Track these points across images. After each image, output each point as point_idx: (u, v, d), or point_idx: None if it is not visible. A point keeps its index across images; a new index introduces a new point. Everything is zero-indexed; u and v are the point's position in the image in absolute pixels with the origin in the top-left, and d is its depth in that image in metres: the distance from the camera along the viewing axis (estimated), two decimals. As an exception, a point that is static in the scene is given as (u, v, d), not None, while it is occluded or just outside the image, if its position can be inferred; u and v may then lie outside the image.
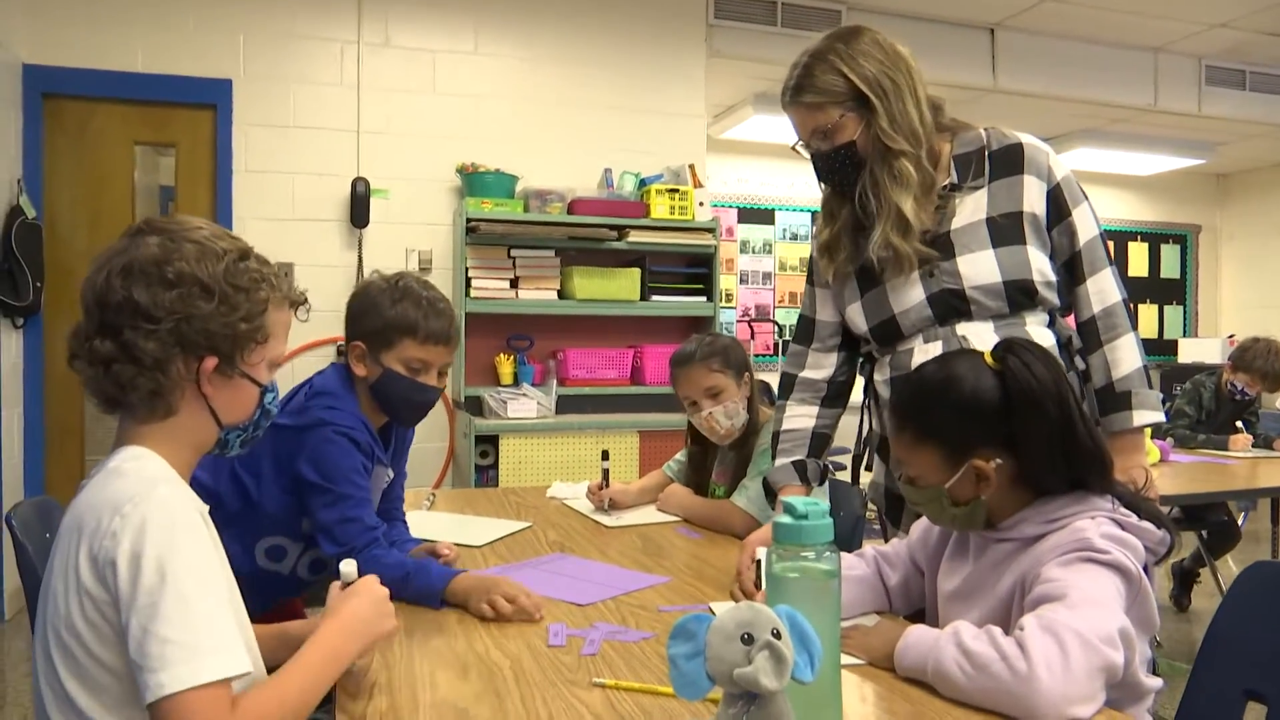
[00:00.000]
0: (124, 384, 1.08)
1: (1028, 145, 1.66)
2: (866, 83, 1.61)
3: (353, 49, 4.28)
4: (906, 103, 1.63)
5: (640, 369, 4.42)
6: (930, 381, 1.35)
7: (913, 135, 1.62)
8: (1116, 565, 1.18)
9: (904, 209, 1.61)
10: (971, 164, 1.66)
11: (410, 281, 1.81)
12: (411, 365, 1.77)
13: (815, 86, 1.64)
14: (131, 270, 1.09)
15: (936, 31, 5.35)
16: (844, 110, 1.63)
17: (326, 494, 1.67)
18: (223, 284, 1.11)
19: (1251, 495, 4.36)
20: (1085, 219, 1.64)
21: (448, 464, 4.40)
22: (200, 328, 1.09)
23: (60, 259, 3.95)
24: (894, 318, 1.69)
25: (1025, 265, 1.60)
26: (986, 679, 1.09)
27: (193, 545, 1.00)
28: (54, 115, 3.96)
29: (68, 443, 4.02)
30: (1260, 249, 8.10)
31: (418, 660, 1.29)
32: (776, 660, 0.87)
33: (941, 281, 1.64)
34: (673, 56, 4.75)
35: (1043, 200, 1.63)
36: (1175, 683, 3.21)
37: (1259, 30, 5.49)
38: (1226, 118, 6.14)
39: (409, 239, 4.35)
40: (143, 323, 1.07)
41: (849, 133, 1.64)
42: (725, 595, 1.62)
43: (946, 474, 1.30)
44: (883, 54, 1.64)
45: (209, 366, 1.12)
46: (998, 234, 1.62)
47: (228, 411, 1.16)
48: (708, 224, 4.41)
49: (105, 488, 1.03)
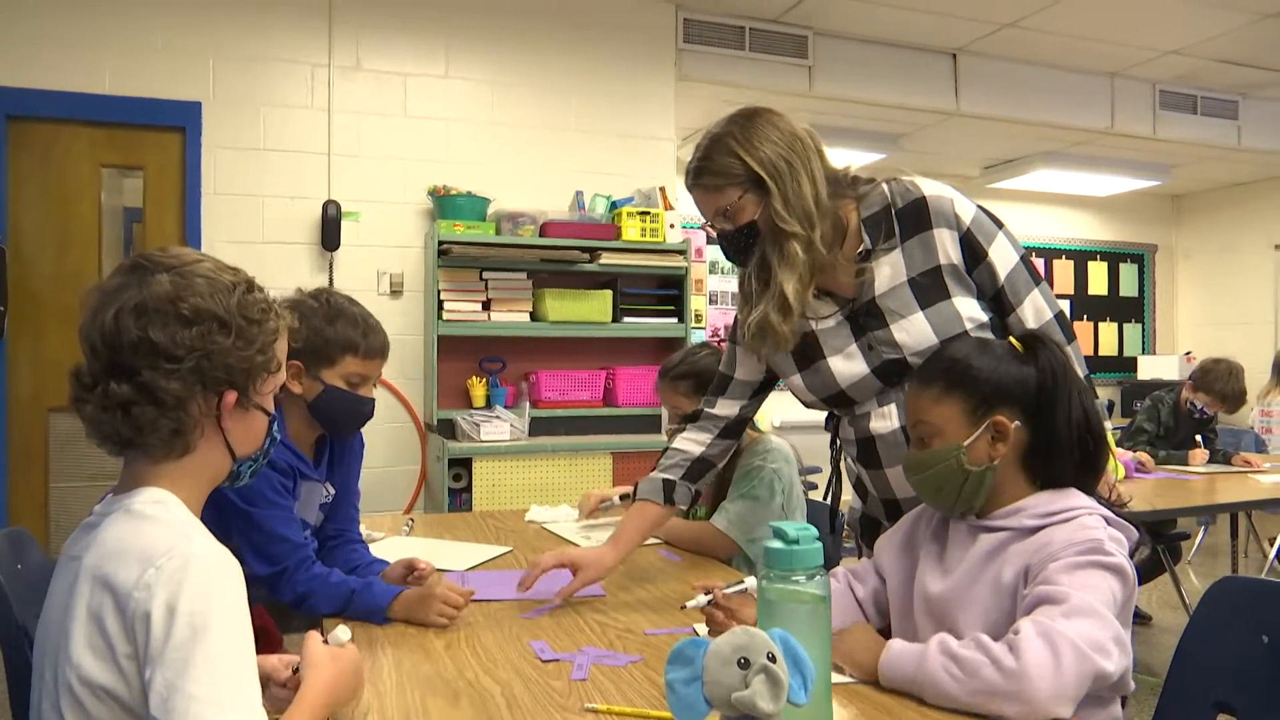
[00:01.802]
0: (143, 426, 1.06)
1: (930, 198, 1.65)
2: (761, 165, 1.62)
3: (323, 72, 4.28)
4: (802, 183, 1.63)
5: (613, 390, 4.43)
6: (963, 345, 1.43)
7: (806, 217, 1.62)
8: (1119, 569, 1.21)
9: (786, 290, 1.62)
10: (881, 225, 1.67)
11: (336, 298, 1.87)
12: (351, 380, 1.84)
13: (713, 169, 1.65)
14: (145, 309, 1.06)
15: (900, 56, 5.46)
16: (742, 191, 1.64)
17: (248, 517, 1.69)
18: (237, 317, 1.10)
19: (1211, 510, 4.45)
20: (1002, 251, 1.64)
21: (419, 487, 4.38)
22: (221, 363, 1.08)
23: (25, 282, 3.90)
24: (843, 392, 1.71)
25: (955, 319, 1.61)
26: (978, 682, 1.11)
27: (229, 600, 0.98)
28: (19, 137, 3.91)
29: (31, 470, 3.95)
30: (1214, 267, 8.32)
31: (408, 689, 1.29)
32: (773, 684, 0.89)
33: (881, 354, 1.65)
34: (643, 80, 4.80)
35: (957, 248, 1.63)
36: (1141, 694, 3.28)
37: (1209, 57, 5.66)
38: (1180, 140, 6.32)
39: (380, 262, 4.34)
40: (163, 363, 1.05)
41: (749, 213, 1.65)
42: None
43: (968, 429, 1.34)
44: (779, 135, 1.64)
45: (230, 401, 1.11)
46: (922, 294, 1.63)
47: (242, 443, 1.16)
48: (678, 246, 4.44)
49: (134, 536, 1.00)
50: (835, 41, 5.31)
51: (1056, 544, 1.24)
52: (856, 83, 5.38)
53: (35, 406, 3.91)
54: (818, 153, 1.68)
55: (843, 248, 1.69)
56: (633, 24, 4.79)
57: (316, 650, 1.15)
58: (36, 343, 3.91)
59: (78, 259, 3.99)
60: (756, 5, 4.96)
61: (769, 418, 7.05)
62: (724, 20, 5.02)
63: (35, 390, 3.91)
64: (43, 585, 1.70)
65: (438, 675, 1.35)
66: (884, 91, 5.40)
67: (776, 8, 4.98)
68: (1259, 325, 7.86)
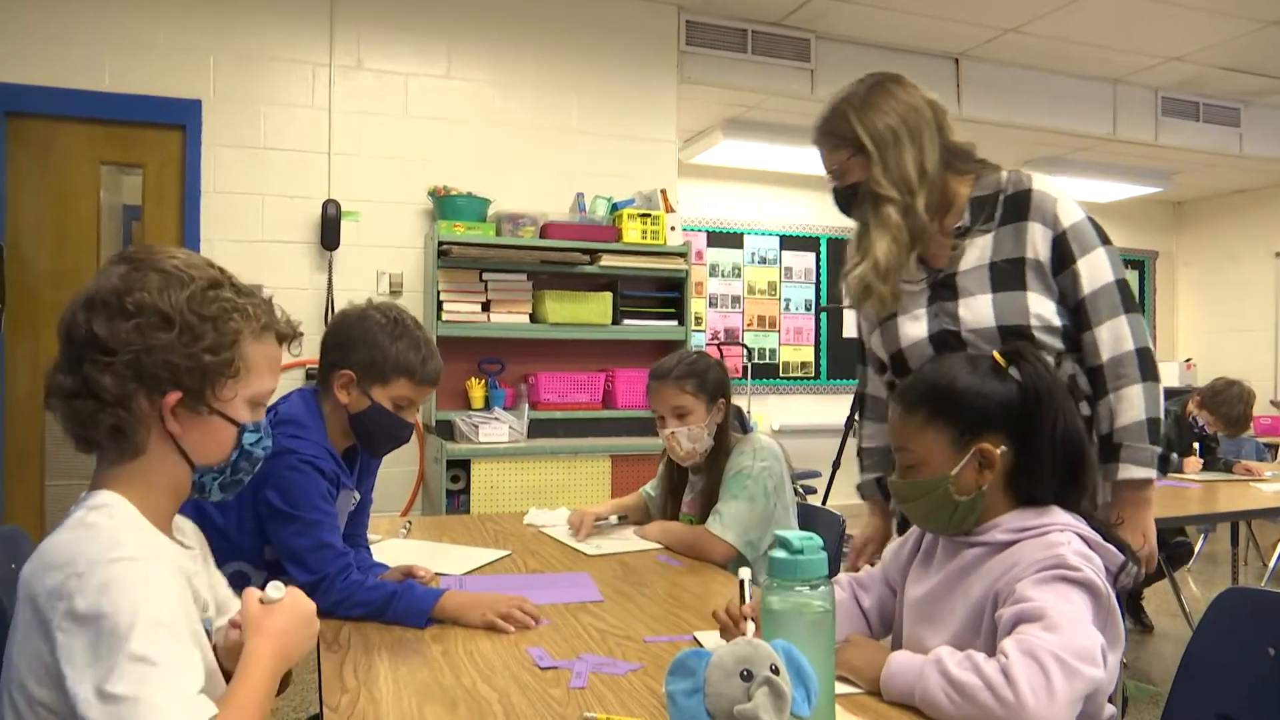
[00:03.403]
0: (84, 420, 1.03)
1: (1036, 192, 1.68)
2: (868, 132, 1.69)
3: (324, 71, 4.26)
4: (905, 153, 1.68)
5: (612, 393, 4.42)
6: (944, 366, 1.39)
7: (905, 184, 1.68)
8: (1088, 584, 1.20)
9: (878, 252, 1.69)
10: (985, 207, 1.71)
11: (405, 317, 1.84)
12: (399, 403, 1.81)
13: (828, 129, 1.76)
14: (94, 303, 1.04)
15: (902, 61, 5.45)
16: (850, 154, 1.73)
17: (295, 521, 1.66)
18: (185, 313, 1.05)
19: (1211, 519, 4.44)
20: (1095, 266, 1.65)
21: (417, 489, 4.36)
22: (160, 360, 1.04)
23: (23, 280, 3.88)
24: (901, 351, 1.77)
25: (1022, 311, 1.64)
26: (974, 707, 1.10)
27: (151, 599, 0.94)
28: (18, 134, 3.89)
29: (27, 469, 3.93)
30: (1215, 274, 8.31)
31: (405, 696, 1.28)
32: (776, 696, 0.88)
33: (942, 322, 1.70)
34: (644, 82, 4.79)
35: (1048, 247, 1.66)
36: (1142, 704, 3.26)
37: (1212, 64, 5.66)
38: (1182, 147, 6.31)
39: (380, 262, 4.32)
40: (100, 355, 1.02)
41: (855, 174, 1.74)
42: (708, 624, 1.62)
43: (954, 458, 1.32)
44: (896, 105, 1.70)
45: (171, 401, 1.06)
46: (998, 279, 1.67)
47: (199, 451, 1.10)
48: (679, 248, 4.43)
49: (64, 545, 0.97)
50: (837, 45, 5.31)
51: (1022, 564, 1.24)
52: (859, 86, 5.36)
53: (31, 405, 3.89)
54: (937, 126, 1.73)
55: (944, 220, 1.75)
56: (635, 26, 4.78)
57: (253, 611, 1.09)
58: (34, 341, 3.90)
59: (76, 257, 3.98)
60: (759, 8, 4.95)
61: (769, 421, 7.04)
62: (726, 23, 5.01)
63: (32, 389, 3.89)
64: (36, 587, 1.68)
65: (435, 682, 1.33)
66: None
67: (779, 11, 4.97)
68: (1259, 333, 7.86)
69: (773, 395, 7.23)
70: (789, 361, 7.33)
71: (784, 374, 7.31)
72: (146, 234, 4.11)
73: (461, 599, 1.62)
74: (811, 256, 7.40)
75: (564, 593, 1.83)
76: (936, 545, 1.42)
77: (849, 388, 6.80)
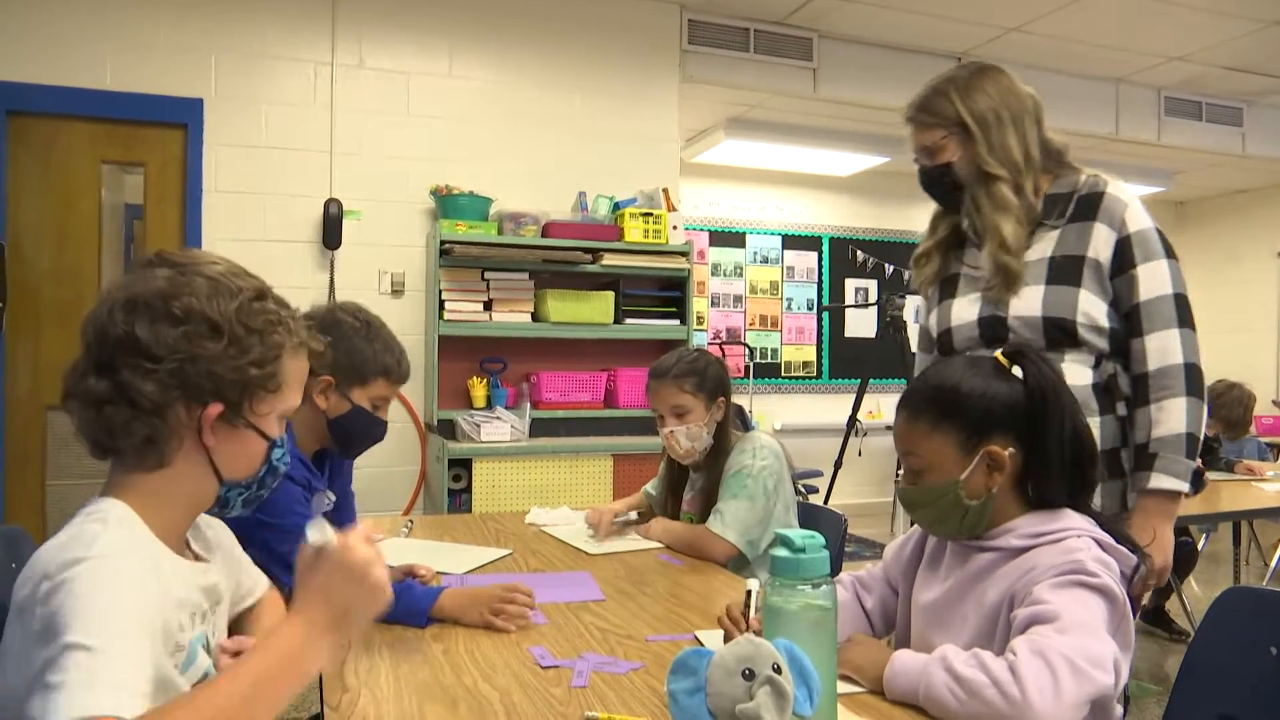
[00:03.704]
0: (115, 429, 0.98)
1: (1109, 195, 1.71)
2: (972, 113, 1.75)
3: (326, 70, 4.26)
4: (1008, 137, 1.74)
5: (614, 392, 4.41)
6: (948, 370, 1.37)
7: (1012, 165, 1.74)
8: (1105, 590, 1.19)
9: (1004, 231, 1.71)
10: (1058, 204, 1.75)
11: (372, 317, 1.88)
12: (377, 403, 1.85)
13: (928, 107, 1.81)
14: (136, 304, 0.99)
15: (905, 59, 5.44)
16: (947, 133, 1.78)
17: (275, 529, 1.65)
18: (234, 324, 1.01)
19: (1213, 519, 4.43)
20: (1155, 275, 1.67)
21: (419, 488, 4.36)
22: (206, 370, 1.00)
23: (24, 279, 3.88)
24: (950, 330, 1.81)
25: (1071, 306, 1.66)
26: (979, 704, 1.10)
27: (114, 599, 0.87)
28: (19, 133, 3.89)
29: (28, 468, 3.93)
30: (1217, 275, 8.29)
31: (405, 695, 1.27)
32: (778, 696, 0.88)
33: (993, 307, 1.74)
34: (647, 81, 4.78)
35: (1110, 250, 1.69)
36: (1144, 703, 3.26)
37: (1215, 64, 5.65)
38: (1184, 147, 6.30)
39: (381, 261, 4.32)
40: (143, 361, 0.98)
41: (948, 154, 1.79)
42: (709, 623, 1.62)
43: (962, 462, 1.30)
44: (997, 91, 1.77)
45: (212, 414, 1.01)
46: (1055, 273, 1.70)
47: (230, 466, 1.06)
48: (681, 247, 4.43)
49: (48, 551, 0.92)
50: (840, 44, 5.30)
51: (1040, 568, 1.23)
52: (861, 86, 5.37)
53: (33, 405, 3.89)
54: (1035, 119, 1.79)
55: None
56: (637, 25, 4.77)
57: (299, 566, 0.99)
58: (35, 340, 3.89)
59: (77, 256, 3.98)
60: (761, 7, 4.94)
61: (770, 420, 7.04)
62: (729, 22, 5.00)
63: (33, 388, 3.89)
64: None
65: (435, 681, 1.33)
66: (888, 95, 5.38)
67: (781, 10, 4.97)
68: (1261, 333, 7.84)
69: (774, 395, 7.22)
70: (791, 361, 7.33)
71: (786, 374, 7.31)
72: (148, 233, 4.10)
73: (459, 598, 1.62)
74: (814, 256, 7.39)
75: (565, 592, 1.83)
76: (944, 548, 1.41)
77: (850, 387, 6.79)
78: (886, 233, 7.56)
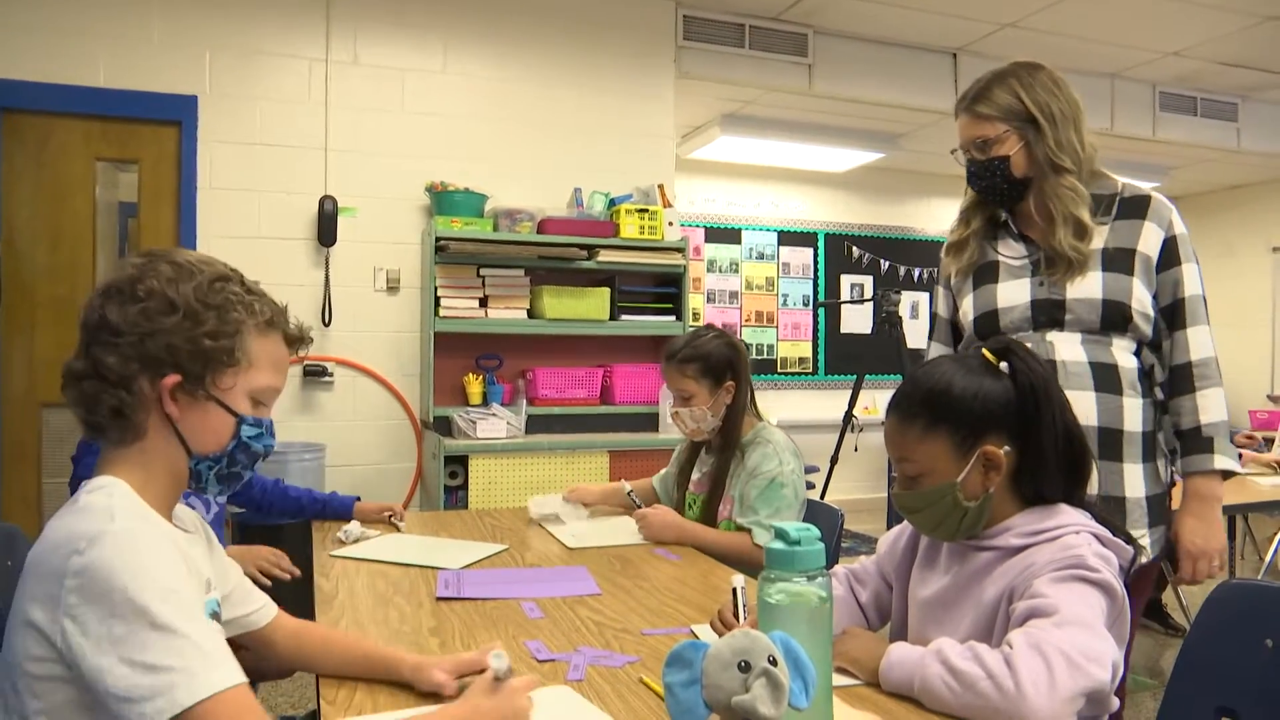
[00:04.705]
0: (89, 401, 1.07)
1: (1156, 199, 1.80)
2: (1039, 107, 1.77)
3: (321, 66, 4.25)
4: (1071, 133, 1.78)
5: (610, 388, 4.41)
6: (938, 371, 1.35)
7: (1076, 159, 1.77)
8: (1104, 585, 1.19)
9: (1082, 217, 1.75)
10: (1103, 203, 1.80)
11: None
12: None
13: (991, 99, 1.81)
14: (109, 290, 1.09)
15: (900, 55, 5.44)
16: (1009, 127, 1.79)
17: None
18: (191, 301, 1.09)
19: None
20: (1193, 275, 1.77)
21: (415, 484, 4.35)
22: (163, 343, 1.08)
23: (19, 277, 3.87)
24: (996, 312, 1.83)
25: (1127, 292, 1.73)
26: (974, 696, 1.10)
27: (161, 573, 0.96)
28: (13, 130, 3.88)
29: (24, 465, 3.92)
30: (1213, 270, 8.26)
31: (402, 690, 1.27)
32: (774, 688, 0.87)
33: (1048, 290, 1.77)
34: (642, 77, 4.78)
35: (1158, 246, 1.76)
36: (1140, 697, 3.26)
37: (1210, 59, 5.65)
38: (1179, 142, 6.30)
39: (377, 258, 4.31)
40: (109, 337, 1.07)
41: (1006, 148, 1.80)
42: (705, 616, 1.62)
43: (958, 464, 1.29)
44: (1057, 89, 1.80)
45: (169, 383, 1.09)
46: (1109, 261, 1.75)
47: (197, 439, 1.12)
48: (677, 244, 4.42)
49: (66, 526, 1.00)
50: (835, 40, 5.30)
51: (1039, 563, 1.23)
52: (856, 81, 5.36)
53: (28, 402, 3.89)
54: (1083, 121, 1.84)
55: None
56: (632, 21, 4.76)
57: (480, 682, 1.15)
58: (29, 338, 3.88)
59: (72, 254, 3.96)
60: (756, 3, 4.94)
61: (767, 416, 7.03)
62: (724, 18, 4.99)
63: (28, 386, 3.88)
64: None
65: (432, 675, 1.33)
66: (884, 90, 5.39)
67: (776, 5, 4.96)
68: (1256, 328, 7.86)
69: (771, 391, 7.22)
70: (787, 357, 7.33)
71: (782, 369, 7.31)
72: (143, 230, 4.09)
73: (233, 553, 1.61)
74: (809, 252, 7.39)
75: (561, 586, 1.83)
76: (940, 544, 1.41)
77: (846, 383, 6.80)
78: (882, 228, 7.57)
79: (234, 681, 0.94)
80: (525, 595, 1.75)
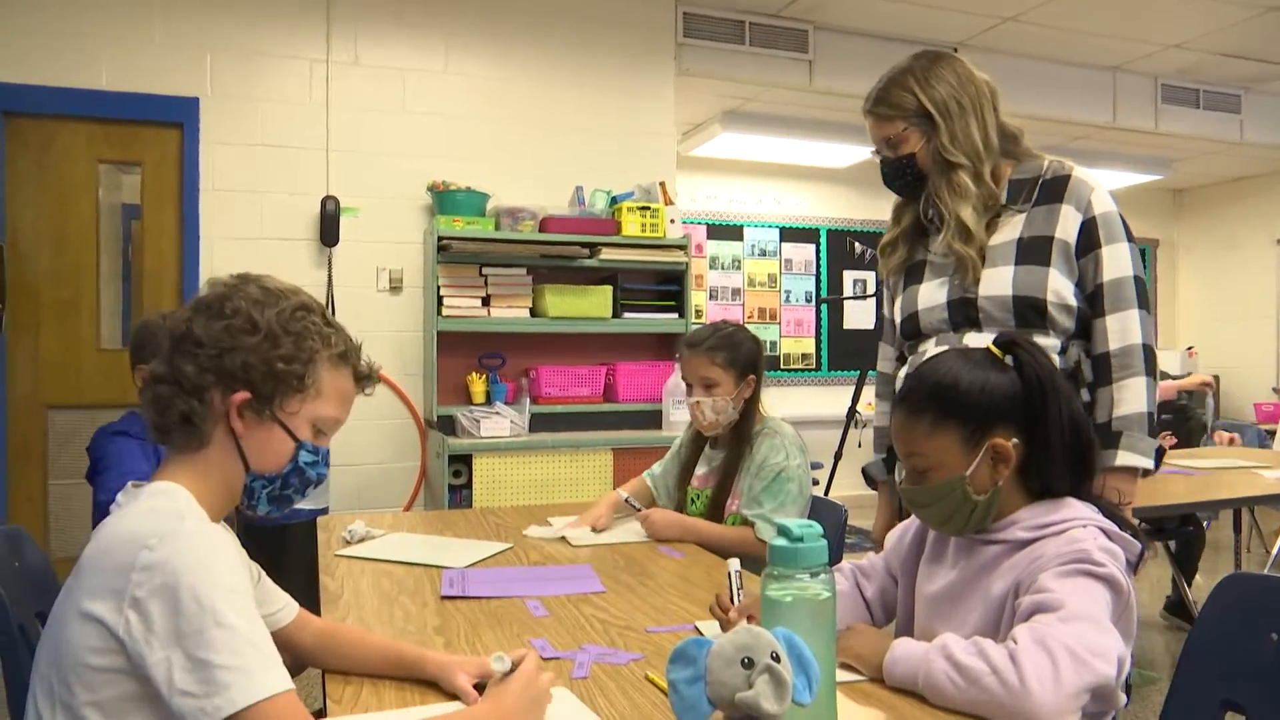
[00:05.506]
0: (162, 404, 1.12)
1: (1075, 179, 1.74)
2: (933, 103, 1.76)
3: (322, 67, 4.26)
4: (970, 124, 1.76)
5: (613, 386, 4.41)
6: (945, 365, 1.35)
7: (973, 153, 1.75)
8: (1110, 579, 1.19)
9: (964, 217, 1.73)
10: (1024, 189, 1.76)
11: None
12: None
13: (887, 100, 1.82)
14: (199, 305, 1.16)
15: (901, 50, 5.35)
16: (908, 124, 1.79)
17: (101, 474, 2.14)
18: (273, 324, 1.14)
19: (1213, 506, 4.42)
20: (1117, 257, 1.70)
21: (419, 484, 4.36)
22: (240, 360, 1.12)
23: (22, 279, 3.88)
24: (916, 314, 1.83)
25: (1041, 285, 1.68)
26: (978, 691, 1.10)
27: (227, 575, 0.99)
28: (16, 133, 3.89)
29: (30, 467, 3.93)
30: (1216, 262, 8.29)
31: (408, 687, 1.28)
32: (777, 684, 0.88)
33: (962, 289, 1.75)
34: (643, 75, 4.78)
35: (1075, 230, 1.71)
36: (1145, 691, 3.26)
37: (1212, 51, 5.64)
38: (1182, 135, 6.29)
39: (379, 258, 4.32)
40: (191, 348, 1.13)
41: (910, 145, 1.80)
42: (709, 614, 1.62)
43: (966, 458, 1.29)
44: (955, 79, 1.78)
45: (238, 400, 1.13)
46: (1023, 253, 1.71)
47: (256, 456, 1.17)
48: (679, 241, 4.42)
49: (130, 523, 1.03)
50: (836, 35, 5.29)
51: (1046, 557, 1.23)
52: (857, 77, 5.35)
53: (34, 404, 3.90)
54: (992, 105, 1.82)
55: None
56: (633, 18, 4.76)
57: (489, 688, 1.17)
58: (34, 340, 3.89)
59: (76, 256, 3.97)
60: (757, -1, 4.94)
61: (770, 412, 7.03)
62: (724, 14, 4.99)
63: (33, 388, 3.89)
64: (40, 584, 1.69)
65: (437, 674, 1.33)
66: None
67: (777, 2, 4.96)
68: (1260, 320, 7.84)
69: (774, 387, 7.22)
70: (790, 353, 7.33)
71: (785, 366, 7.31)
72: (146, 232, 4.10)
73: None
74: (811, 248, 7.39)
75: (566, 584, 1.83)
76: (947, 538, 1.41)
77: (850, 379, 6.79)
78: (884, 224, 7.48)
79: (286, 686, 0.96)
80: (530, 594, 1.75)
